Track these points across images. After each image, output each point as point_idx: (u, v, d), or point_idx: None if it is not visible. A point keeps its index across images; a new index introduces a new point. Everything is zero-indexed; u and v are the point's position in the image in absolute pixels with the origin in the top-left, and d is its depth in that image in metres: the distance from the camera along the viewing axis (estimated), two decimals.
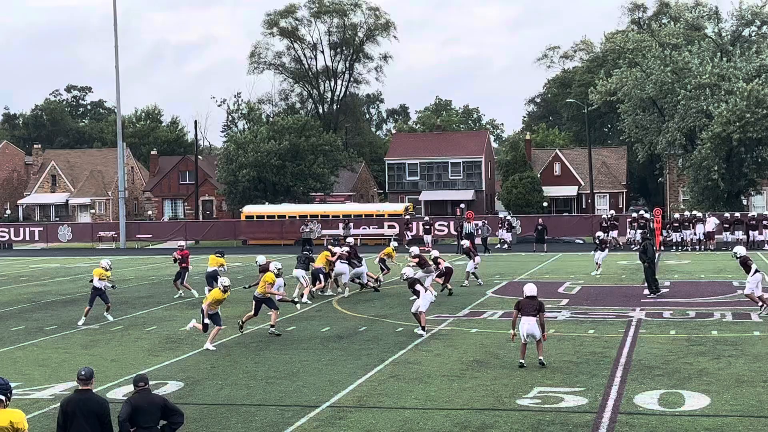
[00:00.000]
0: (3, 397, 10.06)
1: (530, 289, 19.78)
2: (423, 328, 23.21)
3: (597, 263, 38.43)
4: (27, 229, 72.56)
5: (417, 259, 31.72)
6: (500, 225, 59.17)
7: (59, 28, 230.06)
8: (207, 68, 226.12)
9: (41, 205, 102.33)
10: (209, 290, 30.39)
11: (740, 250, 27.33)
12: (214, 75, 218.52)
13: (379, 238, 62.80)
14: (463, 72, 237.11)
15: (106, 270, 27.55)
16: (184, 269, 33.77)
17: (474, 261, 35.01)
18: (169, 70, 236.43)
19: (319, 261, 32.08)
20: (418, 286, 23.45)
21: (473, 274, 34.82)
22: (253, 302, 24.57)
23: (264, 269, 27.85)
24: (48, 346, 23.44)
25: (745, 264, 26.61)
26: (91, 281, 27.56)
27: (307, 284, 31.41)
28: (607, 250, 39.68)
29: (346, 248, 33.82)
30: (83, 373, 10.96)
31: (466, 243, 36.86)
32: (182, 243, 36.87)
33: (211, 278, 31.89)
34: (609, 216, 58.94)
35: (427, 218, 63.22)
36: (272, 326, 24.27)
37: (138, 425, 10.84)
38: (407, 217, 63.96)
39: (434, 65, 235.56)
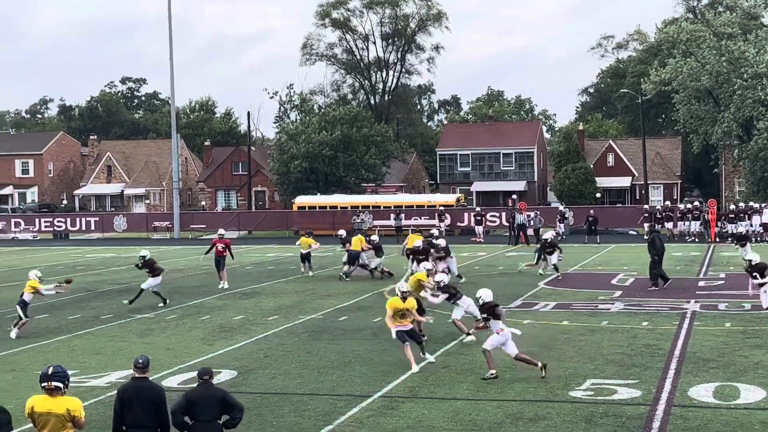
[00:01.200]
0: (61, 384, 10.21)
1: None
2: (468, 333, 21.36)
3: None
4: (83, 219, 73.52)
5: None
6: (558, 217, 58.64)
7: (118, 21, 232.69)
8: (262, 60, 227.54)
9: (97, 195, 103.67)
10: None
11: None
12: (268, 67, 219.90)
13: (428, 228, 62.65)
14: (516, 62, 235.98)
15: (38, 281, 24.76)
16: (222, 257, 34.04)
17: (558, 253, 34.29)
18: (225, 62, 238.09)
19: (355, 245, 35.29)
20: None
21: (554, 266, 34.19)
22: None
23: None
24: (104, 335, 23.77)
25: None
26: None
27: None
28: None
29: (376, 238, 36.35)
30: (140, 361, 11.09)
31: (549, 236, 35.76)
32: (222, 231, 37.47)
33: (305, 259, 36.85)
34: (663, 207, 58.39)
35: (478, 209, 63.04)
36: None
37: (195, 418, 10.85)
38: (440, 208, 63.54)
39: (486, 56, 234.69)
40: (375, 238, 36.66)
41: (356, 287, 32.36)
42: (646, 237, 31.72)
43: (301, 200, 71.20)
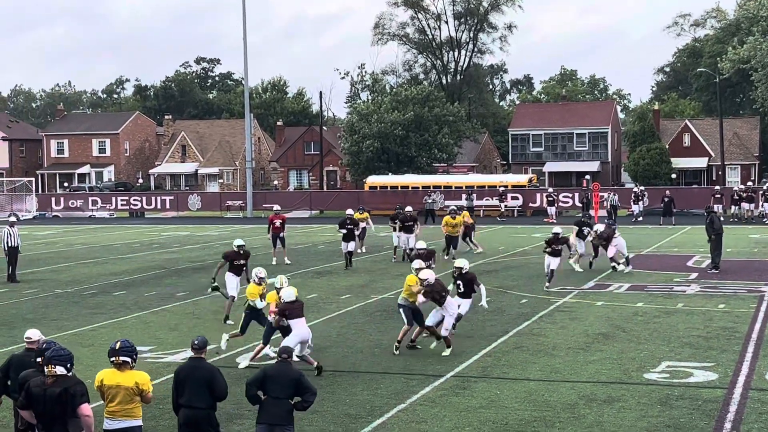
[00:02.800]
0: (128, 359, 10.41)
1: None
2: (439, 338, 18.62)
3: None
4: (158, 198, 74.55)
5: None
6: (633, 198, 57.89)
7: (197, 3, 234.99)
8: (339, 41, 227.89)
9: (172, 174, 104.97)
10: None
11: None
12: (344, 47, 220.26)
13: (507, 209, 62.48)
14: (590, 41, 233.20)
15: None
16: (278, 233, 34.78)
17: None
18: (301, 42, 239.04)
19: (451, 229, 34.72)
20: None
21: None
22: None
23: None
24: (179, 311, 24.11)
25: None
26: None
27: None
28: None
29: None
30: (196, 342, 11.22)
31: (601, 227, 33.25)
32: (278, 207, 38.58)
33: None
34: (740, 188, 57.36)
35: (550, 190, 62.55)
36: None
37: (267, 393, 10.99)
38: (501, 189, 63.02)
39: (560, 35, 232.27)
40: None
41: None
42: (707, 219, 30.96)
43: (373, 180, 71.30)
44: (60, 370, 9.81)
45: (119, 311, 24.28)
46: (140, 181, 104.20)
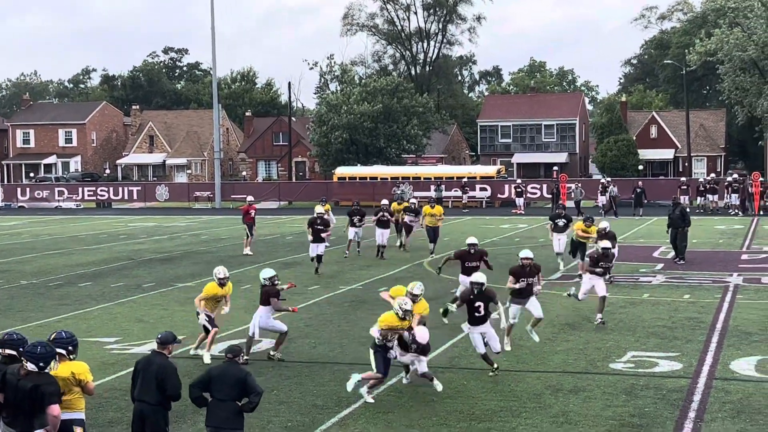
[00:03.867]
0: (63, 351, 10.37)
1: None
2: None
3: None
4: (126, 189, 74.14)
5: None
6: (600, 189, 58.20)
7: None
8: (312, 32, 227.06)
9: (139, 165, 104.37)
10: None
11: None
12: (317, 39, 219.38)
13: (471, 199, 62.64)
14: (558, 34, 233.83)
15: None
16: (252, 223, 35.24)
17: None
18: (275, 34, 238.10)
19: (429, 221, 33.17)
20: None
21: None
22: None
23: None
24: (146, 303, 24.00)
25: None
26: None
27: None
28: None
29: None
30: (159, 336, 11.14)
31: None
32: (251, 198, 38.18)
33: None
34: (706, 180, 57.82)
35: (519, 181, 62.77)
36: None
37: (213, 395, 10.70)
38: (464, 179, 63.24)
39: (532, 27, 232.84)
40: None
41: (396, 258, 32.37)
42: (670, 211, 31.02)
43: (342, 171, 71.28)
44: (31, 367, 9.73)
45: (85, 302, 24.14)
46: (107, 171, 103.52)
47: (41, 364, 9.77)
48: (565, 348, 17.67)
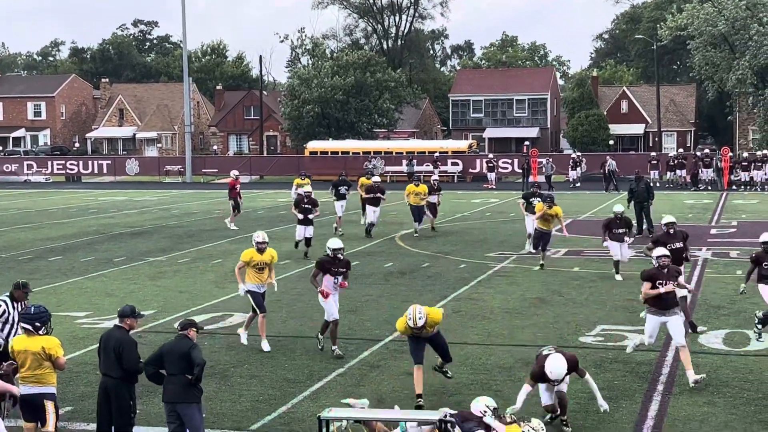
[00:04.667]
0: (29, 326, 10.36)
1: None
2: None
3: None
4: (95, 162, 73.60)
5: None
6: (570, 164, 58.36)
7: None
8: (289, 4, 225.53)
9: (109, 138, 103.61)
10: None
11: None
12: (292, 11, 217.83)
13: (443, 174, 62.67)
14: (530, 8, 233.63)
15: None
16: (236, 198, 34.85)
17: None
18: (251, 5, 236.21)
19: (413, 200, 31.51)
20: None
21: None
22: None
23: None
24: (116, 277, 23.91)
25: None
26: None
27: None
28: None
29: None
30: (119, 310, 11.12)
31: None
32: (236, 172, 37.54)
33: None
34: (675, 155, 58.18)
35: (490, 155, 62.84)
36: None
37: (166, 370, 10.65)
38: (436, 154, 63.28)
39: (500, 2, 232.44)
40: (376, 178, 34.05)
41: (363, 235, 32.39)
42: (632, 185, 30.83)
43: (313, 145, 71.13)
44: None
45: (55, 277, 24.01)
46: (77, 145, 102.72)
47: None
48: (535, 322, 17.78)
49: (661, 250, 14.34)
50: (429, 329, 12.95)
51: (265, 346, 15.85)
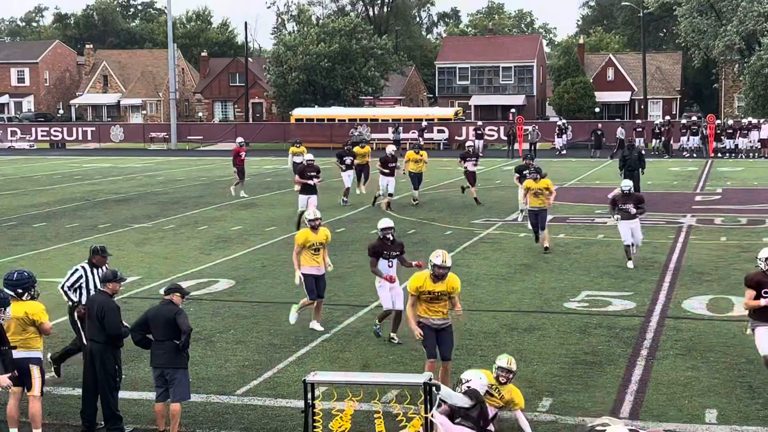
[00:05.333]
0: (11, 292, 10.37)
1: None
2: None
3: None
4: (80, 129, 73.23)
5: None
6: (556, 131, 58.24)
7: None
8: None
9: (93, 105, 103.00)
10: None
11: None
12: None
13: (428, 141, 62.57)
14: None
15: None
16: (242, 166, 34.37)
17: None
18: None
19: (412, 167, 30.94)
20: None
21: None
22: None
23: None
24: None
25: None
26: None
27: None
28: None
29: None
30: (102, 275, 11.10)
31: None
32: (241, 139, 36.67)
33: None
34: (661, 122, 58.21)
35: (479, 123, 62.68)
36: None
37: (152, 336, 10.64)
38: (424, 122, 63.12)
39: None
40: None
41: (352, 200, 32.37)
42: (625, 153, 30.31)
43: (299, 112, 70.88)
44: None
45: (40, 243, 23.95)
46: (61, 111, 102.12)
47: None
48: (520, 288, 17.83)
49: (764, 252, 11.88)
50: (450, 289, 11.82)
51: (317, 325, 14.87)
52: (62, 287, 12.60)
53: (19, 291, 10.44)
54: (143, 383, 12.13)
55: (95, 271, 12.48)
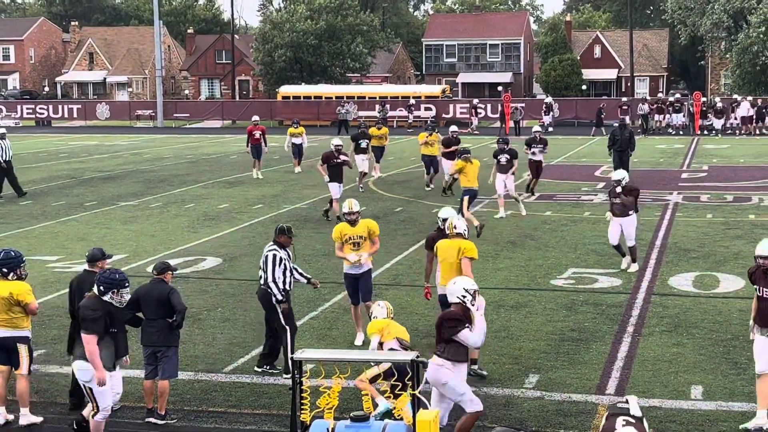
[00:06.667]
0: None
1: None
2: None
3: None
4: (66, 107, 72.86)
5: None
6: (544, 109, 58.20)
7: None
8: None
9: (79, 82, 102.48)
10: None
11: None
12: None
13: (415, 120, 62.52)
14: None
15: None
16: (259, 145, 33.13)
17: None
18: None
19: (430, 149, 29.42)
20: None
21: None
22: None
23: None
24: (88, 221, 23.80)
25: None
26: None
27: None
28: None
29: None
30: (87, 254, 11.07)
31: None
32: (256, 118, 35.29)
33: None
34: (654, 99, 58.26)
35: (476, 101, 62.30)
36: None
37: (143, 315, 10.64)
38: (411, 100, 63.04)
39: None
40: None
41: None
42: (615, 132, 29.25)
43: (286, 90, 70.68)
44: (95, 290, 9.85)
45: (26, 221, 23.88)
46: (46, 89, 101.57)
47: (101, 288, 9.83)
48: (507, 265, 17.88)
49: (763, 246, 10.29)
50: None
51: (359, 338, 13.29)
52: (271, 281, 12.02)
53: (5, 270, 10.41)
54: (131, 361, 12.12)
55: (285, 251, 12.22)
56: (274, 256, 12.15)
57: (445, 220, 12.72)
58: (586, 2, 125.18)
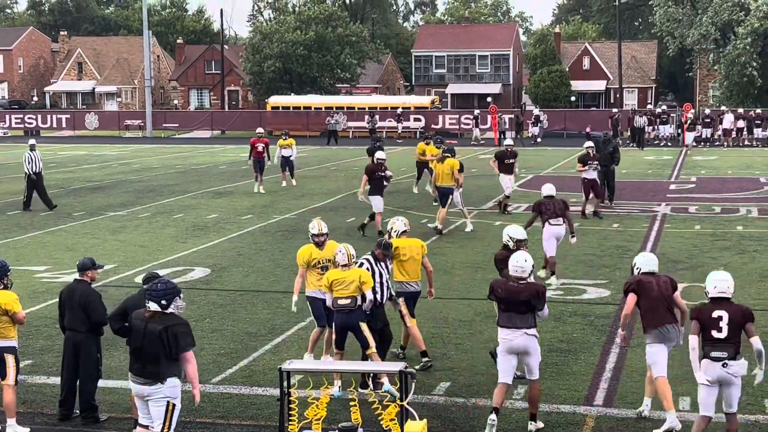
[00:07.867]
0: None
1: (548, 189, 18.20)
2: None
3: None
4: (54, 117, 72.77)
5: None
6: (532, 120, 58.39)
7: None
8: None
9: (68, 92, 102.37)
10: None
11: None
12: None
13: (405, 130, 62.59)
14: None
15: None
16: (262, 159, 32.07)
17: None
18: None
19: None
20: None
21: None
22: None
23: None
24: (77, 232, 23.74)
25: None
26: None
27: None
28: None
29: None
30: (77, 263, 11.03)
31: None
32: (261, 130, 34.51)
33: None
34: (647, 111, 58.43)
35: (477, 112, 62.20)
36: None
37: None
38: (399, 110, 63.16)
39: None
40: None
41: (330, 188, 32.37)
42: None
43: (275, 100, 70.74)
44: (154, 306, 9.08)
45: (14, 231, 23.81)
46: (35, 99, 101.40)
47: (163, 302, 9.08)
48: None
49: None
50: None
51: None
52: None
53: None
54: (118, 372, 12.09)
55: (381, 265, 12.20)
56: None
57: (511, 238, 13.39)
58: (575, 14, 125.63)
